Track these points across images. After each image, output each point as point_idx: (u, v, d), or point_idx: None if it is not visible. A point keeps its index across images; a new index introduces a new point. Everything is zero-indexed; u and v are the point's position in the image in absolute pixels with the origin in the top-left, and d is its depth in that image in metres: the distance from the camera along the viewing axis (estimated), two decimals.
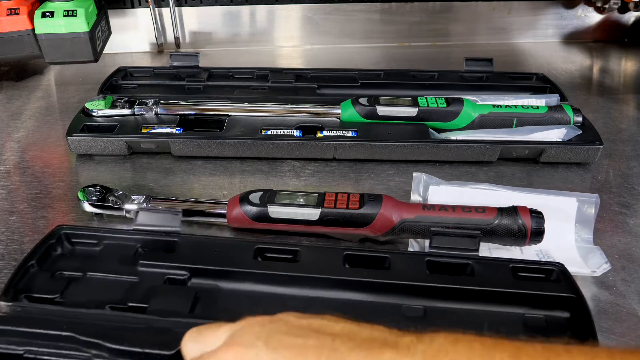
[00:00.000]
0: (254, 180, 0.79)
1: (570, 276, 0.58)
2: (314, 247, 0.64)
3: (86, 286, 0.58)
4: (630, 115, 0.97)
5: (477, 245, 0.61)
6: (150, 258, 0.60)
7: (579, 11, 1.23)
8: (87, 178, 0.80)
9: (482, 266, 0.59)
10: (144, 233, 0.63)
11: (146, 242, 0.63)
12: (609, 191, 0.76)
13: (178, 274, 0.59)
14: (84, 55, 0.97)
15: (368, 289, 0.57)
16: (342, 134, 0.82)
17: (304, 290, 0.58)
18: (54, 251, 0.62)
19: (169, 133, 0.82)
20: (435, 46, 1.23)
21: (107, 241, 0.63)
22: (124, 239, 0.63)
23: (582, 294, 0.56)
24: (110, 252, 0.62)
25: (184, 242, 0.62)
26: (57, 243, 0.63)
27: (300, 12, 1.20)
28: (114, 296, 0.56)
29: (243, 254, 0.61)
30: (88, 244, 0.63)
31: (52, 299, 0.56)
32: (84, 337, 0.50)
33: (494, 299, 0.56)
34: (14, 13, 0.94)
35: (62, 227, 0.64)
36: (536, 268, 0.59)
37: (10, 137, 0.90)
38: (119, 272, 0.59)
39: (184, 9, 1.18)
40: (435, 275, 0.58)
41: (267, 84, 0.96)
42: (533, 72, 0.99)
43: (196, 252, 0.61)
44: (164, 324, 0.52)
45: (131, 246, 0.62)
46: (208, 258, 0.60)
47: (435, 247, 0.61)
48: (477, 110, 0.83)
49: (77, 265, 0.60)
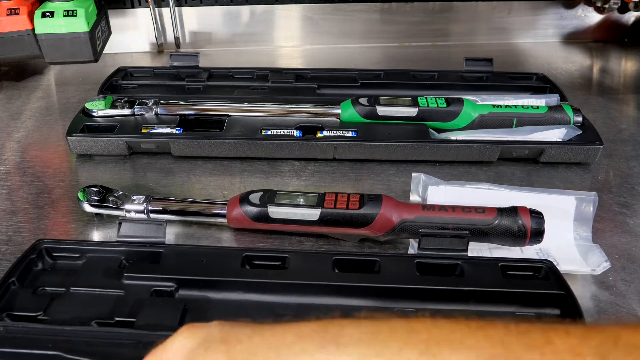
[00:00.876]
0: (254, 181, 0.79)
1: (559, 273, 0.58)
2: (302, 252, 0.62)
3: (70, 302, 0.56)
4: (630, 115, 0.97)
5: (465, 246, 0.60)
6: (136, 270, 0.59)
7: (579, 11, 1.23)
8: (87, 178, 0.79)
9: (471, 266, 0.59)
10: (128, 245, 0.61)
11: (130, 253, 0.61)
12: (609, 191, 0.76)
13: (165, 285, 0.57)
14: (84, 55, 0.97)
15: (359, 293, 0.57)
16: (342, 134, 0.82)
17: (294, 297, 0.57)
18: (35, 266, 0.60)
19: (169, 133, 0.82)
20: (435, 46, 1.23)
21: (90, 254, 0.61)
22: (107, 251, 0.61)
23: (571, 290, 0.56)
24: (94, 265, 0.60)
25: (169, 253, 0.61)
26: (38, 258, 0.61)
27: (300, 12, 1.20)
28: (99, 311, 0.55)
29: (231, 262, 0.59)
30: (70, 258, 0.61)
31: (36, 316, 0.54)
32: (71, 355, 0.48)
33: (484, 299, 0.57)
34: (14, 13, 0.94)
35: (42, 241, 0.62)
36: (525, 266, 0.60)
37: (10, 137, 0.90)
38: (104, 286, 0.57)
39: (184, 9, 1.18)
40: (426, 277, 0.58)
41: (267, 84, 0.96)
42: (533, 72, 0.99)
43: (182, 263, 0.59)
44: (152, 338, 0.49)
45: (115, 258, 0.60)
46: (195, 268, 0.59)
47: (424, 248, 0.61)
48: (477, 110, 0.83)
49: (59, 280, 0.58)
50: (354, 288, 0.57)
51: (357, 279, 0.58)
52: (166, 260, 0.60)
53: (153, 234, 0.61)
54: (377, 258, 0.60)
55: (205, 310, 0.56)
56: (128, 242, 0.61)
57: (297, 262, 0.60)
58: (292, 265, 0.60)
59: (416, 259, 0.60)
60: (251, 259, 0.61)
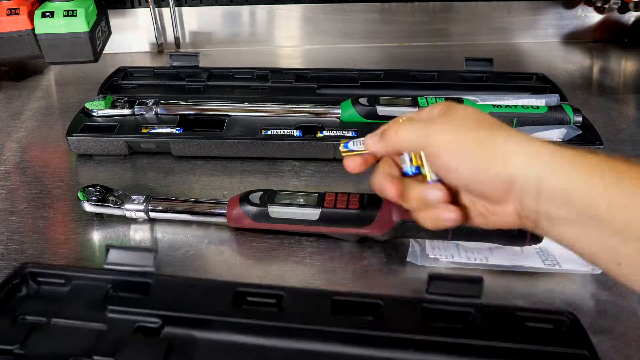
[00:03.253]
0: (254, 180, 0.79)
1: (582, 328, 0.53)
2: (299, 291, 0.57)
3: (49, 334, 0.53)
4: (630, 115, 0.97)
5: (479, 291, 0.55)
6: (121, 302, 0.55)
7: (579, 11, 1.23)
8: (87, 178, 0.80)
9: (484, 315, 0.53)
10: (116, 273, 0.58)
11: (117, 282, 0.57)
12: None
13: (150, 321, 0.54)
14: (84, 55, 0.97)
15: (358, 341, 0.52)
16: (342, 134, 0.82)
17: (288, 342, 0.53)
18: (18, 292, 0.57)
19: (169, 133, 0.82)
20: (435, 46, 1.23)
21: (76, 281, 0.58)
22: (93, 278, 0.58)
23: (595, 349, 0.51)
24: (79, 293, 0.57)
25: (158, 284, 0.57)
26: (22, 283, 0.57)
27: (300, 12, 1.20)
28: (79, 347, 0.51)
29: (221, 299, 0.55)
30: (55, 284, 0.58)
31: (11, 350, 0.51)
32: None
33: (497, 354, 0.51)
34: (14, 13, 0.94)
35: (27, 264, 0.58)
36: (545, 318, 0.54)
37: (10, 137, 0.90)
38: (86, 319, 0.54)
39: (184, 9, 1.18)
40: (433, 325, 0.53)
41: (267, 84, 0.96)
42: (533, 72, 0.99)
43: (171, 296, 0.56)
44: None
45: (101, 287, 0.57)
46: (183, 303, 0.55)
47: (432, 292, 0.55)
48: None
49: (41, 308, 0.55)
50: (353, 335, 0.53)
51: (357, 324, 0.53)
52: (154, 292, 0.56)
53: (142, 262, 0.58)
54: (380, 301, 0.55)
55: (192, 351, 0.52)
56: (116, 271, 0.58)
57: (293, 302, 0.55)
58: (287, 305, 0.55)
59: (423, 303, 0.55)
60: (244, 295, 0.56)
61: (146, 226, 0.70)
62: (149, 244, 0.68)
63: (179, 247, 0.67)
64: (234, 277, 0.62)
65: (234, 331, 0.53)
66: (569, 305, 0.59)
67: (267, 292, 0.56)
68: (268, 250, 0.66)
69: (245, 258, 0.66)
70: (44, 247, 0.67)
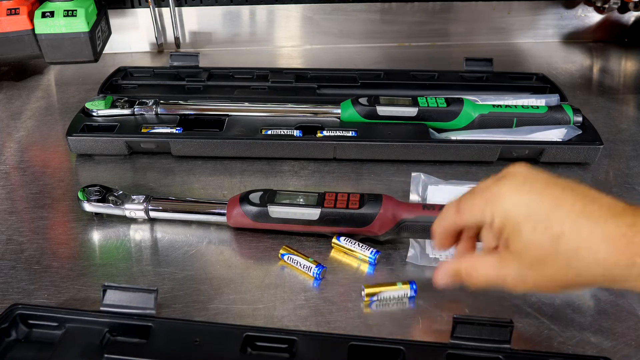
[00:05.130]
0: (254, 180, 0.79)
1: None
2: (313, 335, 0.53)
3: None
4: (630, 115, 0.97)
5: (508, 336, 0.51)
6: (118, 350, 0.51)
7: (579, 11, 1.23)
8: (87, 178, 0.80)
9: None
10: (113, 315, 0.53)
11: (115, 326, 0.53)
12: (609, 191, 0.76)
13: None
14: (84, 55, 0.97)
15: None
16: (342, 134, 0.82)
17: None
18: (7, 336, 0.53)
19: (169, 133, 0.82)
20: (435, 46, 1.23)
21: (70, 324, 0.53)
22: (89, 321, 0.53)
23: None
24: (73, 338, 0.52)
25: (159, 328, 0.53)
26: (11, 326, 0.53)
27: (300, 12, 1.20)
28: None
29: (229, 345, 0.51)
30: (48, 327, 0.54)
31: None
32: None
33: None
34: (14, 13, 0.94)
35: (17, 306, 0.54)
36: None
37: (10, 137, 0.90)
38: None
39: (184, 9, 1.18)
40: None
41: (267, 84, 0.96)
42: (533, 72, 0.99)
43: (173, 342, 0.51)
44: None
45: (97, 331, 0.52)
46: (187, 350, 0.51)
47: (458, 337, 0.51)
48: (477, 110, 0.83)
49: (32, 355, 0.51)
50: None
51: None
52: (155, 337, 0.52)
53: (142, 303, 0.53)
54: (401, 347, 0.51)
55: None
56: (113, 313, 0.53)
57: (306, 348, 0.51)
58: (300, 351, 0.51)
59: (448, 349, 0.51)
60: (253, 340, 0.53)
61: (146, 226, 0.70)
62: (149, 244, 0.68)
63: (179, 247, 0.67)
64: (233, 277, 0.63)
65: None
66: (568, 306, 0.59)
67: (279, 337, 0.53)
68: (268, 250, 0.66)
69: (245, 258, 0.66)
70: (44, 247, 0.67)
